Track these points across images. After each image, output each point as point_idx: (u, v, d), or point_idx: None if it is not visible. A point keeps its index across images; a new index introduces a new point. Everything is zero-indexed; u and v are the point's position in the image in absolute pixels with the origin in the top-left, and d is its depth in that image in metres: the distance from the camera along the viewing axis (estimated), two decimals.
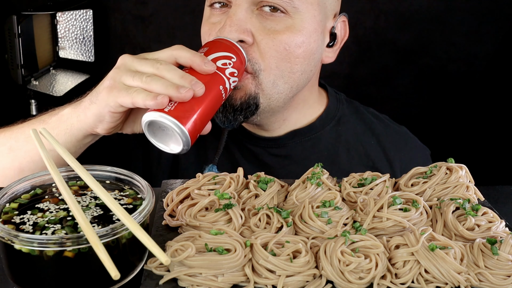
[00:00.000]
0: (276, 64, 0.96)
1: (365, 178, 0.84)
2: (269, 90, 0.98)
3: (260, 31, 0.95)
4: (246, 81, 0.96)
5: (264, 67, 0.96)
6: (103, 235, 0.60)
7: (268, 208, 0.75)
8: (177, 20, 2.25)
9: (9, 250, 0.62)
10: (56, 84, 2.14)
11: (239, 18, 0.93)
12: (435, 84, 2.32)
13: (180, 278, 0.64)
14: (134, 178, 0.74)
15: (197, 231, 0.69)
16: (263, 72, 0.96)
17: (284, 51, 0.96)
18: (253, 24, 0.95)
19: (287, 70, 0.98)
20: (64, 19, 2.16)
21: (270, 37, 0.95)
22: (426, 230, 0.69)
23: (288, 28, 0.96)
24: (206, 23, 1.01)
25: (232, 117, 0.98)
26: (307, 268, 0.65)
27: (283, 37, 0.95)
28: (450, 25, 2.21)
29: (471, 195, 0.82)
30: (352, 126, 1.16)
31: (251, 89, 0.97)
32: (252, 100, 0.98)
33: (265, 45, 0.95)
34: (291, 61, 0.97)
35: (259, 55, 0.95)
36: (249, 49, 0.94)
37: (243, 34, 0.93)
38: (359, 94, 2.35)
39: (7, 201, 0.70)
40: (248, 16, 0.94)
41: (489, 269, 0.66)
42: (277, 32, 0.95)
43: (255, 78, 0.97)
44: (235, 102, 0.97)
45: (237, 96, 0.97)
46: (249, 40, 0.94)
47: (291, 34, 0.96)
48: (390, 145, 1.16)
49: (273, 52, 0.95)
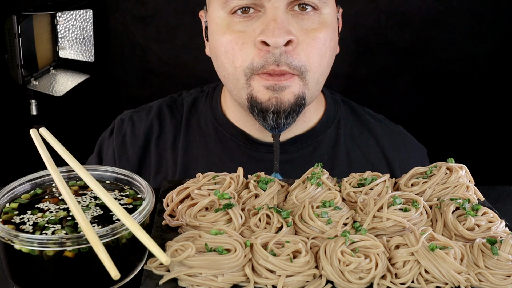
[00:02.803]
0: (319, 62, 0.97)
1: (365, 178, 0.84)
2: (313, 88, 0.99)
3: (300, 32, 0.94)
4: (293, 83, 0.95)
5: (309, 67, 0.96)
6: (103, 235, 0.60)
7: (268, 208, 0.75)
8: (177, 20, 2.24)
9: (9, 250, 0.62)
10: (56, 84, 2.14)
11: (283, 20, 0.92)
12: (435, 84, 2.32)
13: (180, 278, 0.64)
14: (134, 178, 0.74)
15: (197, 231, 0.69)
16: (309, 73, 0.96)
17: (323, 47, 0.96)
18: (293, 25, 0.94)
19: (326, 66, 1.00)
20: (64, 19, 2.16)
21: (310, 36, 0.95)
22: (426, 230, 0.69)
23: (322, 24, 0.96)
24: (228, 32, 0.96)
25: (285, 121, 0.97)
26: (307, 268, 0.65)
27: (320, 34, 0.95)
28: (450, 25, 2.21)
29: (471, 195, 0.82)
30: (350, 128, 1.15)
31: (298, 89, 0.96)
32: (300, 100, 0.97)
33: (308, 45, 0.95)
34: (327, 56, 0.98)
35: (305, 56, 0.95)
36: (294, 51, 0.93)
37: (290, 35, 0.92)
38: (359, 94, 2.35)
39: (7, 201, 0.70)
40: (287, 17, 0.93)
41: (489, 269, 0.66)
42: (314, 30, 0.95)
43: (302, 79, 0.96)
44: (284, 106, 0.96)
45: (285, 99, 0.95)
46: (295, 40, 0.93)
47: (326, 30, 0.96)
48: (389, 145, 1.15)
49: (315, 50, 0.95)
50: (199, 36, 1.03)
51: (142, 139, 1.14)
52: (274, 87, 0.95)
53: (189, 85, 1.32)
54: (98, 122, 1.77)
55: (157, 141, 1.14)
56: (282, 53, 0.93)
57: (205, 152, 1.11)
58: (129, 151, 1.14)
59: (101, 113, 2.41)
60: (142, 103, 1.25)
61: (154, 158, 1.13)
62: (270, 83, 0.95)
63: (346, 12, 1.09)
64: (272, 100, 0.96)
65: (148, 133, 1.15)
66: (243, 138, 1.10)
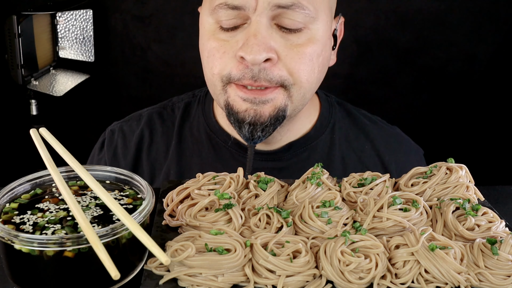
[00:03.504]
0: (306, 78, 0.94)
1: (365, 178, 0.84)
2: (297, 102, 0.97)
3: (283, 47, 0.92)
4: (277, 95, 0.94)
5: (294, 81, 0.94)
6: (103, 235, 0.60)
7: (268, 208, 0.75)
8: (177, 20, 2.25)
9: (9, 250, 0.62)
10: (56, 84, 2.14)
11: (264, 36, 0.89)
12: (435, 84, 2.32)
13: (180, 278, 0.64)
14: (134, 178, 0.74)
15: (197, 231, 0.69)
16: (294, 86, 0.94)
17: (309, 63, 0.93)
18: (275, 40, 0.91)
19: (314, 82, 0.97)
20: (64, 19, 2.16)
21: (295, 51, 0.92)
22: (426, 230, 0.69)
23: (310, 40, 0.93)
24: (213, 38, 0.95)
25: (261, 134, 0.96)
26: (307, 268, 0.65)
27: (307, 50, 0.92)
28: (450, 25, 2.21)
29: (471, 195, 0.82)
30: (345, 132, 1.14)
31: (281, 101, 0.95)
32: (281, 112, 0.95)
33: (291, 60, 0.92)
34: (315, 72, 0.96)
35: (287, 71, 0.93)
36: (275, 67, 0.91)
37: (270, 52, 0.90)
38: (358, 94, 2.36)
39: (7, 201, 0.70)
40: (270, 32, 0.90)
41: (489, 269, 0.66)
42: (300, 46, 0.92)
43: (286, 91, 0.94)
44: (262, 119, 0.94)
45: (265, 111, 0.94)
46: (275, 58, 0.91)
47: (313, 45, 0.93)
48: (384, 148, 1.14)
49: (301, 65, 0.93)
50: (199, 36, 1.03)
51: (133, 150, 1.13)
52: (253, 100, 0.93)
53: (189, 85, 1.32)
54: (98, 122, 1.77)
55: (149, 151, 1.13)
56: (261, 70, 0.91)
57: (199, 159, 1.10)
58: (121, 163, 1.13)
59: (101, 113, 2.41)
60: (142, 103, 1.25)
61: (147, 168, 1.12)
62: (248, 96, 0.93)
63: (346, 12, 1.09)
64: (250, 111, 0.94)
65: (139, 143, 1.14)
66: (236, 145, 1.09)
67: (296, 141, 1.09)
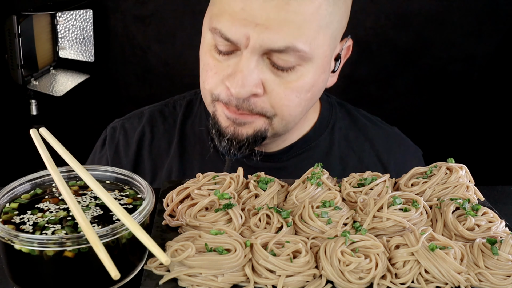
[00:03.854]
0: (289, 112, 0.94)
1: (365, 178, 0.84)
2: (279, 129, 0.97)
3: (271, 82, 0.90)
4: (257, 121, 0.94)
5: (277, 113, 0.94)
6: (103, 235, 0.60)
7: (268, 208, 0.75)
8: (177, 20, 2.24)
9: (9, 250, 0.62)
10: (56, 84, 2.14)
11: (251, 71, 0.88)
12: (435, 84, 2.32)
13: (180, 278, 0.64)
14: (134, 178, 0.74)
15: (197, 231, 0.69)
16: (276, 117, 0.94)
17: (296, 98, 0.92)
18: (264, 74, 0.90)
19: (298, 114, 0.97)
20: (64, 19, 2.16)
21: (282, 87, 0.91)
22: (426, 230, 0.69)
23: (300, 77, 0.91)
24: (209, 54, 0.94)
25: (237, 152, 0.96)
26: (307, 268, 0.65)
27: (295, 86, 0.91)
28: (450, 25, 2.21)
29: (471, 195, 0.82)
30: (345, 133, 1.14)
31: (261, 126, 0.95)
32: (260, 135, 0.96)
33: (277, 96, 0.91)
34: (301, 105, 0.95)
35: (270, 105, 0.92)
36: (259, 99, 0.91)
37: (256, 88, 0.89)
38: (358, 94, 2.35)
39: (7, 201, 0.70)
40: (259, 67, 0.89)
41: (489, 269, 0.66)
42: (288, 82, 0.91)
43: (268, 119, 0.94)
44: (241, 137, 0.95)
45: (243, 132, 0.95)
46: (260, 93, 0.91)
47: (302, 81, 0.91)
48: (384, 148, 1.15)
49: (285, 101, 0.92)
50: (199, 36, 1.02)
51: (135, 147, 1.13)
52: (234, 120, 0.94)
53: (189, 85, 1.32)
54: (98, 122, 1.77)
55: (150, 148, 1.13)
56: (245, 100, 0.91)
57: (201, 157, 1.10)
58: (123, 160, 1.13)
59: (101, 113, 2.41)
60: (142, 103, 1.25)
61: (148, 166, 1.12)
62: (231, 115, 0.94)
63: None
64: (230, 128, 0.95)
65: (140, 140, 1.14)
66: None
67: (295, 143, 1.10)
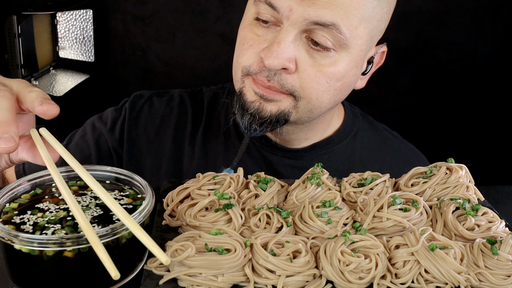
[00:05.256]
0: (317, 96, 0.95)
1: (365, 178, 0.84)
2: (303, 114, 0.98)
3: (305, 61, 0.92)
4: (284, 100, 0.95)
5: (304, 96, 0.95)
6: (103, 235, 0.60)
7: (268, 208, 0.75)
8: (177, 20, 2.25)
9: (9, 250, 0.62)
10: (56, 84, 2.14)
11: (287, 45, 0.90)
12: (435, 84, 2.32)
13: (180, 278, 0.64)
14: (134, 178, 0.74)
15: (197, 231, 0.69)
16: (303, 100, 0.95)
17: (325, 84, 0.94)
18: (299, 52, 0.91)
19: (326, 103, 0.97)
20: (64, 19, 2.16)
21: (314, 69, 0.92)
22: (426, 230, 0.69)
23: (333, 63, 0.93)
24: (248, 28, 0.96)
25: (257, 127, 0.97)
26: (307, 268, 0.65)
27: (326, 70, 0.93)
28: (450, 25, 2.21)
29: (471, 195, 0.82)
30: (367, 141, 1.16)
31: (286, 107, 0.96)
32: (283, 116, 0.97)
33: (307, 76, 0.93)
34: (330, 93, 0.96)
35: (300, 85, 0.93)
36: (289, 77, 0.93)
37: (288, 62, 0.91)
38: (359, 94, 2.35)
39: (7, 201, 0.70)
40: (296, 43, 0.91)
41: (489, 269, 0.66)
42: (322, 66, 0.92)
43: (294, 101, 0.96)
44: (265, 114, 0.96)
45: (268, 108, 0.96)
46: (292, 68, 0.92)
47: (334, 68, 0.93)
48: (404, 162, 1.16)
49: (314, 84, 0.93)
50: (199, 36, 1.03)
51: (158, 121, 1.14)
52: (262, 95, 0.95)
53: (189, 85, 1.32)
54: None
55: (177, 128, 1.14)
56: (277, 73, 0.92)
57: (224, 147, 1.12)
58: (139, 130, 1.14)
59: None
60: None
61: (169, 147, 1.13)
62: (259, 91, 0.95)
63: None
64: (256, 103, 0.96)
65: (166, 117, 1.15)
66: (261, 139, 1.11)
67: (318, 143, 1.12)
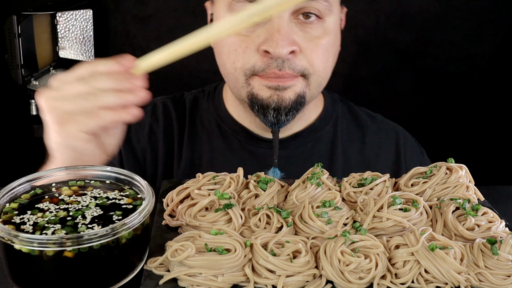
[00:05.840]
0: (323, 67, 1.01)
1: (365, 178, 0.84)
2: (314, 90, 1.03)
3: (304, 40, 0.97)
4: (297, 83, 0.99)
5: (313, 71, 1.00)
6: (103, 235, 0.60)
7: (268, 208, 0.75)
8: (177, 20, 2.24)
9: (9, 250, 0.62)
10: None
11: (287, 30, 0.95)
12: (435, 84, 2.31)
13: (180, 278, 0.64)
14: (134, 178, 0.74)
15: (197, 231, 0.69)
16: (313, 75, 1.00)
17: (326, 53, 1.00)
18: (297, 33, 0.97)
19: (329, 70, 1.04)
20: (64, 19, 2.16)
21: (313, 43, 0.98)
22: (426, 230, 0.69)
23: (325, 32, 0.99)
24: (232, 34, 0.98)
25: (285, 118, 1.01)
26: (307, 268, 0.65)
27: (323, 41, 0.99)
28: (450, 25, 2.21)
29: (471, 195, 0.82)
30: (347, 126, 1.18)
31: (300, 89, 1.00)
32: (300, 98, 1.01)
33: (311, 52, 0.98)
34: (330, 61, 1.03)
35: (307, 62, 0.98)
36: (296, 58, 0.97)
37: (294, 45, 0.95)
38: (359, 94, 2.35)
39: (7, 201, 0.70)
40: (292, 26, 0.96)
41: (489, 269, 0.66)
42: (318, 38, 0.99)
43: (305, 80, 1.00)
44: (285, 103, 0.99)
45: (287, 96, 0.99)
46: (297, 50, 0.96)
47: (328, 37, 1.00)
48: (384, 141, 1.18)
49: (319, 56, 0.99)
50: None
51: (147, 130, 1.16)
52: (276, 87, 0.98)
53: (189, 85, 1.32)
54: None
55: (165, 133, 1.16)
56: (285, 60, 0.96)
57: (209, 147, 1.14)
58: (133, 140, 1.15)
59: None
60: None
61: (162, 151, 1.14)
62: (273, 84, 0.98)
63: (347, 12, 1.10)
64: (274, 97, 0.99)
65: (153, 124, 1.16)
66: (245, 134, 1.13)
67: (302, 131, 1.13)
